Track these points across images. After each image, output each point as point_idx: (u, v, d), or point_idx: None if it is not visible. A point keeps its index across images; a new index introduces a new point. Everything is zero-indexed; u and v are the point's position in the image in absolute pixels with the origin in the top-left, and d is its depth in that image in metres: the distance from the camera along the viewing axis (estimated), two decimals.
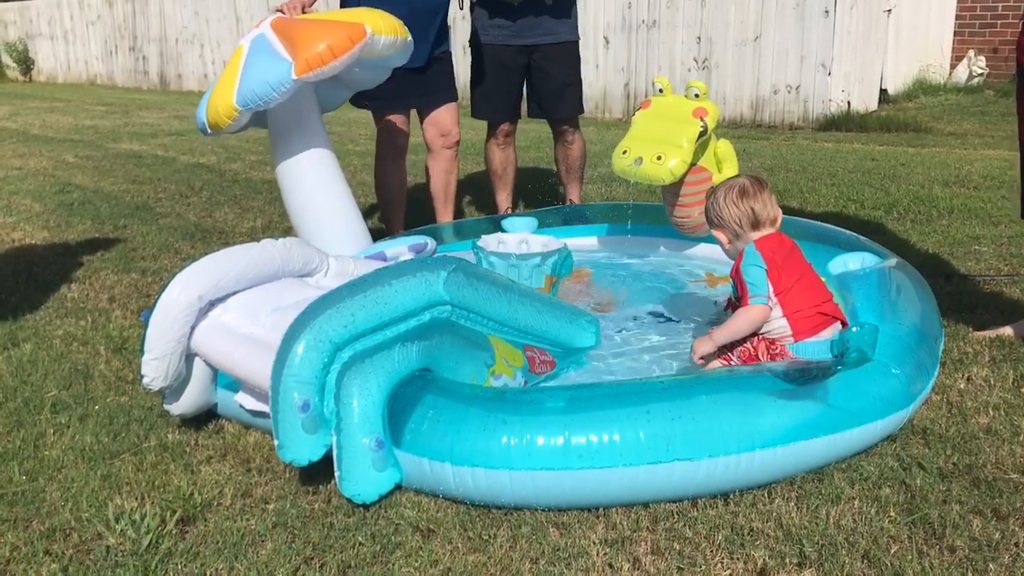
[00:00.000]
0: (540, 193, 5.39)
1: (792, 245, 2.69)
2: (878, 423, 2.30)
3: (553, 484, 2.06)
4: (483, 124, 4.76)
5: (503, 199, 4.81)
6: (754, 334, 2.61)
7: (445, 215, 4.58)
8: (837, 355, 2.46)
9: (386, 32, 3.23)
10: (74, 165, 7.43)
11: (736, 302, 2.73)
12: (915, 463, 2.27)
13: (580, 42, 4.75)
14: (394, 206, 4.43)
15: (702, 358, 2.66)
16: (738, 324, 2.60)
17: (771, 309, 2.58)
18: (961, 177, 5.85)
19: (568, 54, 4.69)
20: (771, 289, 2.57)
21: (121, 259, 4.51)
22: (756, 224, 2.67)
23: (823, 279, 2.82)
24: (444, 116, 4.32)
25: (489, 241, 3.51)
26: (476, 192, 5.82)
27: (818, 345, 2.54)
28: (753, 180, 2.71)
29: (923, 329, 2.66)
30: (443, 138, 4.35)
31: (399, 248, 3.40)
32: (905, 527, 2.02)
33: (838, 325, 2.60)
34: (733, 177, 2.79)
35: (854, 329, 2.43)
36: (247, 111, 3.18)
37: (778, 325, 2.59)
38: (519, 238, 3.54)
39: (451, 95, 4.35)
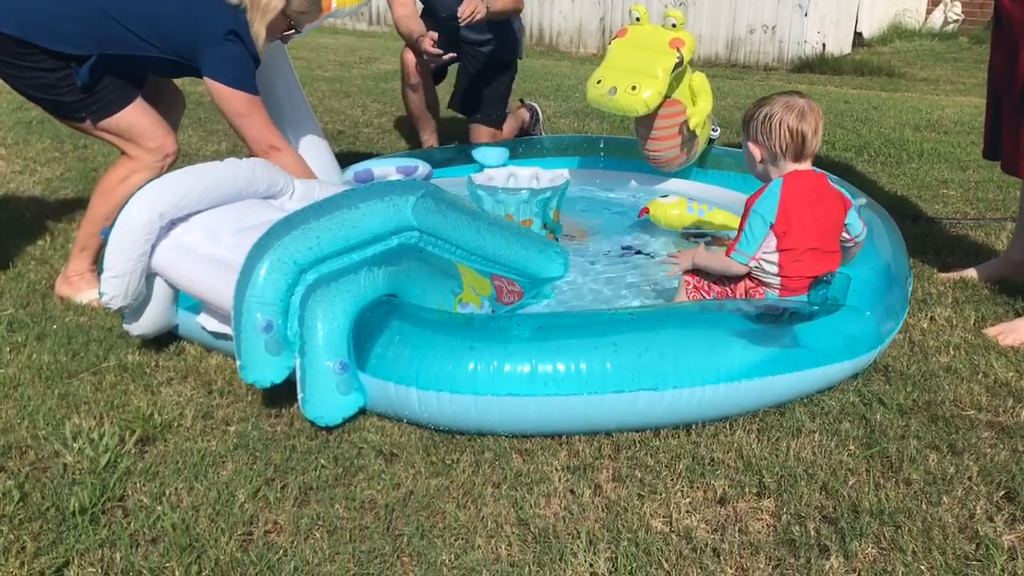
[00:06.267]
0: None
1: (823, 195, 2.45)
2: (845, 363, 2.31)
3: (518, 410, 2.05)
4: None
5: (427, 138, 4.70)
6: (736, 277, 2.52)
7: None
8: (811, 302, 2.42)
9: (350, 3, 3.39)
10: None
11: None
12: (876, 399, 2.30)
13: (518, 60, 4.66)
14: None
15: (684, 271, 2.62)
16: (716, 265, 2.53)
17: (749, 269, 2.45)
18: (932, 122, 5.87)
19: (495, 65, 4.57)
20: (775, 243, 2.40)
21: (81, 179, 4.41)
22: (800, 155, 2.43)
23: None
24: None
25: (496, 177, 3.41)
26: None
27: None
28: (811, 104, 2.44)
29: (894, 271, 2.66)
30: None
31: (387, 168, 3.34)
32: (863, 460, 2.04)
33: None
34: (786, 93, 2.50)
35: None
36: None
37: (770, 278, 2.46)
38: (531, 172, 3.43)
39: None
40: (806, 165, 2.46)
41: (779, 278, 2.45)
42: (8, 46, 2.67)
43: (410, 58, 4.39)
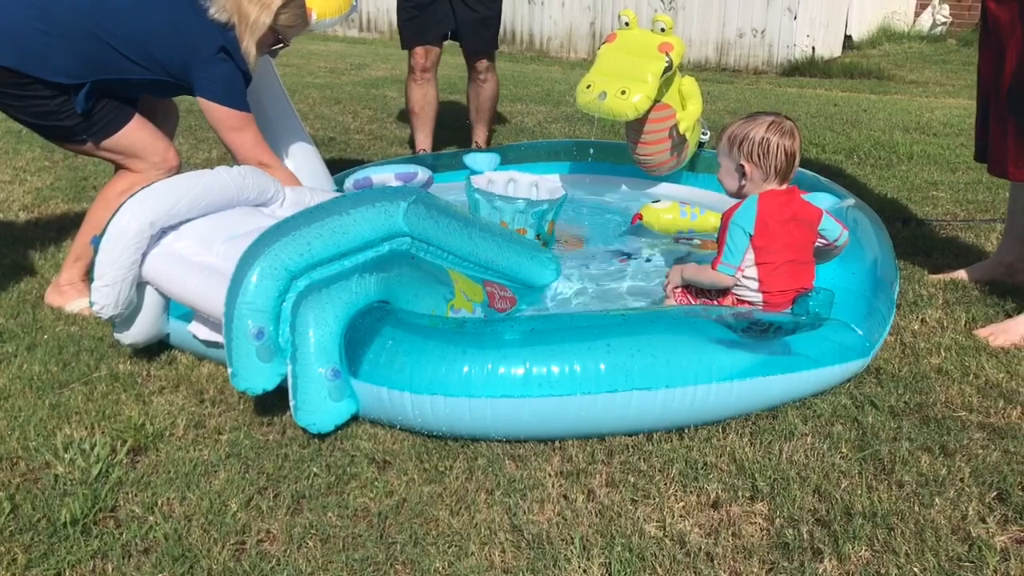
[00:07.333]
0: (459, 133, 5.26)
1: (797, 210, 2.49)
2: (835, 367, 2.32)
3: (512, 412, 2.05)
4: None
5: (422, 139, 4.66)
6: (723, 292, 2.54)
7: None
8: (795, 315, 2.43)
9: (330, 15, 3.40)
10: None
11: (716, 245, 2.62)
12: (868, 401, 2.30)
13: None
14: None
15: (675, 287, 2.64)
16: (704, 278, 2.55)
17: (737, 280, 2.48)
18: (921, 124, 5.89)
19: None
20: (753, 257, 2.45)
21: (71, 188, 4.39)
22: (787, 175, 2.47)
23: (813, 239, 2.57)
24: None
25: (496, 180, 3.38)
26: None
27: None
28: (793, 124, 2.48)
29: (880, 277, 2.68)
30: None
31: (386, 175, 3.33)
32: (856, 463, 2.05)
33: None
34: (768, 113, 2.52)
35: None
36: None
37: (751, 294, 2.50)
38: (531, 179, 3.39)
39: None
40: (785, 185, 2.51)
41: (760, 294, 2.48)
42: (5, 77, 2.67)
43: (420, 52, 4.38)
